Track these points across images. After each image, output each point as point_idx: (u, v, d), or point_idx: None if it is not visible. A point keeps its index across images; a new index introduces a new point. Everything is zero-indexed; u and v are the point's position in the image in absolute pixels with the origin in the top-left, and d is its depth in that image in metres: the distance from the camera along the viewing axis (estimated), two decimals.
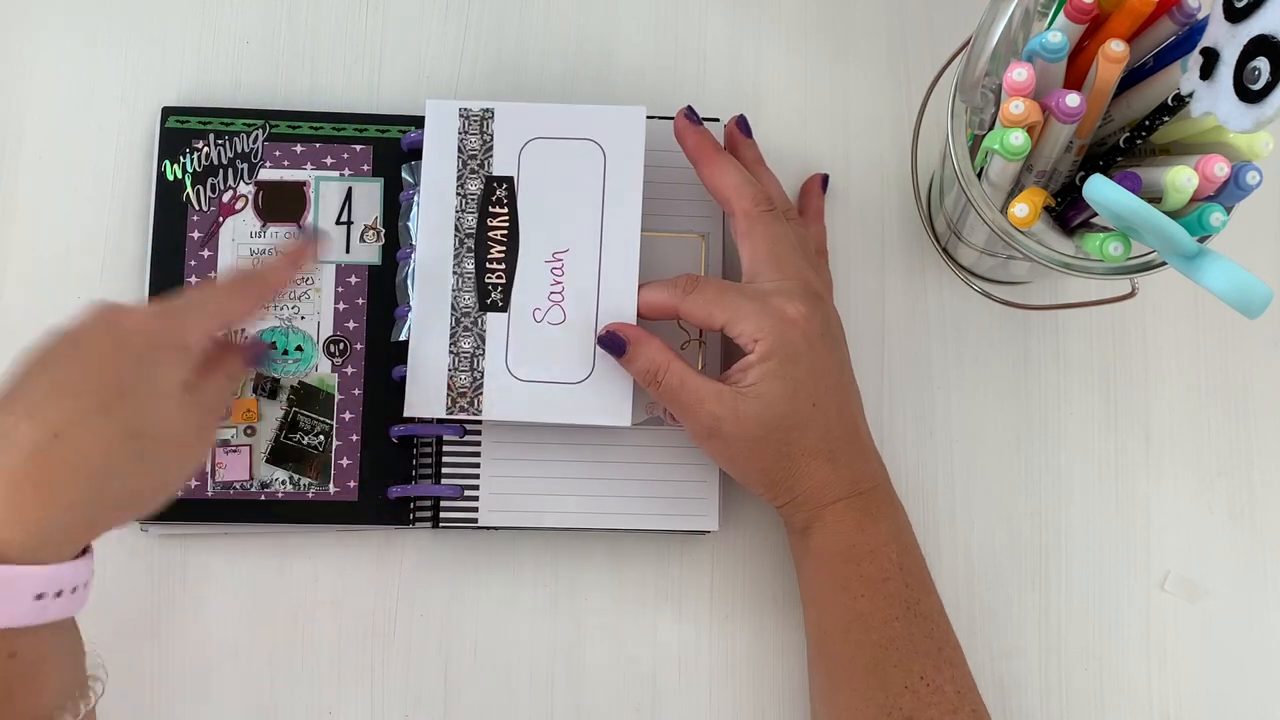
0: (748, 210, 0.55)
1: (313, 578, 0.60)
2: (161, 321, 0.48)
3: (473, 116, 0.59)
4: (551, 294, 0.57)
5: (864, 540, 0.53)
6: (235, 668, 0.59)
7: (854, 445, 0.54)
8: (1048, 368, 0.63)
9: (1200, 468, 0.62)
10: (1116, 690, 0.60)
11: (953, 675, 0.52)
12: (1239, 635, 0.60)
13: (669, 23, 0.65)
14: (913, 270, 0.63)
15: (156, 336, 0.47)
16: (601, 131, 0.58)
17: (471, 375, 0.57)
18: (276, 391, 0.59)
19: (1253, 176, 0.46)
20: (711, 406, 0.53)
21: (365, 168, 0.61)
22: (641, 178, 0.57)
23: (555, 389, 0.57)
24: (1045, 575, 0.61)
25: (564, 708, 0.59)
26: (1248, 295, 0.43)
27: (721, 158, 0.57)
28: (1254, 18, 0.41)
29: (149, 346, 0.46)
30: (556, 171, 0.58)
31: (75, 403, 0.44)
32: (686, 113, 0.58)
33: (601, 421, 0.57)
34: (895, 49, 0.65)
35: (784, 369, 0.53)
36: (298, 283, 0.60)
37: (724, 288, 0.54)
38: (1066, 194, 0.52)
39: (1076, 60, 0.49)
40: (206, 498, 0.58)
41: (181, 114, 0.61)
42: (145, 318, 0.47)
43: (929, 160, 0.62)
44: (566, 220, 0.57)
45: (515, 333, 0.57)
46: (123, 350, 0.46)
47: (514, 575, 0.60)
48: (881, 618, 0.52)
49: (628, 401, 0.57)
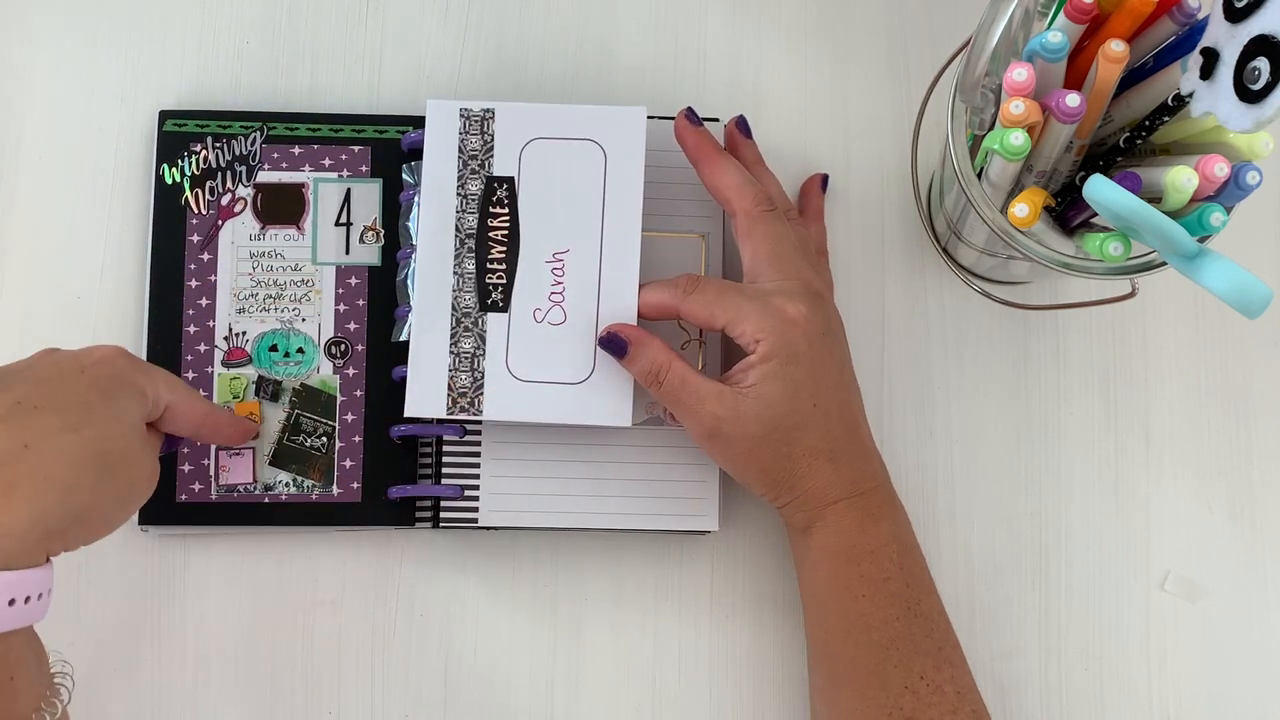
0: (748, 210, 0.55)
1: (313, 578, 0.60)
2: (126, 362, 0.50)
3: (473, 117, 0.59)
4: (552, 294, 0.57)
5: (865, 540, 0.53)
6: (235, 668, 0.59)
7: (855, 445, 0.54)
8: (1048, 368, 0.63)
9: (1200, 468, 0.62)
10: (1116, 690, 0.60)
11: (953, 675, 0.53)
12: (1239, 635, 0.60)
13: (669, 23, 0.65)
14: (913, 270, 0.63)
15: (122, 373, 0.49)
16: (602, 132, 0.58)
17: (472, 375, 0.57)
18: (279, 394, 0.59)
19: (1253, 176, 0.46)
20: (712, 407, 0.53)
21: (364, 169, 0.61)
22: (642, 178, 0.57)
23: (555, 389, 0.57)
24: (1045, 575, 0.61)
25: (564, 707, 0.59)
26: (1248, 295, 0.43)
27: (722, 158, 0.57)
28: (1254, 18, 0.41)
29: (114, 381, 0.49)
30: (557, 172, 0.58)
31: (45, 419, 0.45)
32: (687, 113, 0.58)
33: (602, 422, 0.57)
34: (895, 49, 0.65)
35: (785, 369, 0.53)
36: (295, 285, 0.60)
37: (725, 288, 0.54)
38: (1066, 194, 0.52)
39: (1076, 60, 0.49)
40: (210, 501, 0.58)
41: (179, 117, 0.61)
42: (109, 354, 0.50)
43: (929, 160, 0.62)
44: (567, 220, 0.57)
45: (516, 333, 0.57)
46: (90, 377, 0.48)
47: (514, 575, 0.60)
48: (882, 618, 0.52)
49: (628, 402, 0.56)
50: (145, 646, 0.59)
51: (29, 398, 0.46)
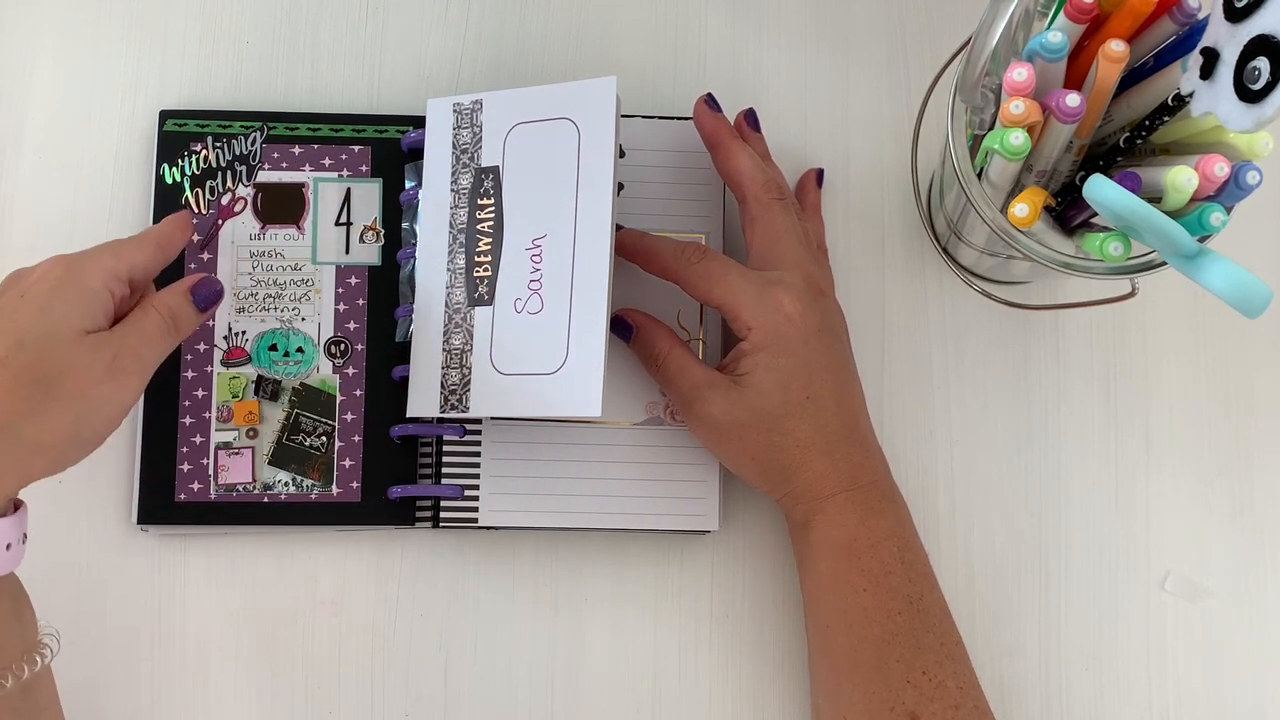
0: (758, 196, 0.56)
1: (313, 578, 0.60)
2: (62, 268, 0.49)
3: (464, 110, 0.58)
4: (531, 283, 0.56)
5: (865, 534, 0.53)
6: (235, 667, 0.59)
7: (853, 439, 0.55)
8: (1048, 368, 0.63)
9: (1200, 468, 0.62)
10: (1116, 690, 0.60)
11: (955, 670, 0.53)
12: (1239, 635, 0.60)
13: (669, 23, 0.65)
14: (913, 270, 0.63)
15: (57, 282, 0.48)
16: (575, 108, 0.56)
17: (461, 372, 0.57)
18: (278, 394, 0.59)
19: (1253, 176, 0.46)
20: (706, 392, 0.54)
21: (364, 168, 0.61)
22: (613, 149, 0.55)
23: (532, 381, 0.55)
24: (1045, 575, 0.61)
25: (564, 707, 0.59)
26: (1248, 295, 0.43)
27: (737, 144, 0.57)
28: (1254, 18, 0.41)
29: (49, 294, 0.48)
30: (536, 155, 0.57)
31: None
32: (706, 99, 0.59)
33: (573, 413, 0.54)
34: (895, 49, 0.65)
35: (776, 361, 0.53)
36: (295, 284, 0.60)
37: (728, 267, 0.55)
38: (1066, 194, 0.52)
39: (1076, 60, 0.49)
40: (210, 500, 0.58)
41: (179, 117, 0.61)
42: (48, 267, 0.49)
43: (929, 160, 0.62)
44: (544, 204, 0.56)
45: (499, 326, 0.56)
46: (26, 302, 0.48)
47: (514, 575, 0.60)
48: (884, 612, 0.52)
49: (598, 391, 0.53)
50: (145, 646, 0.59)
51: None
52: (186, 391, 0.59)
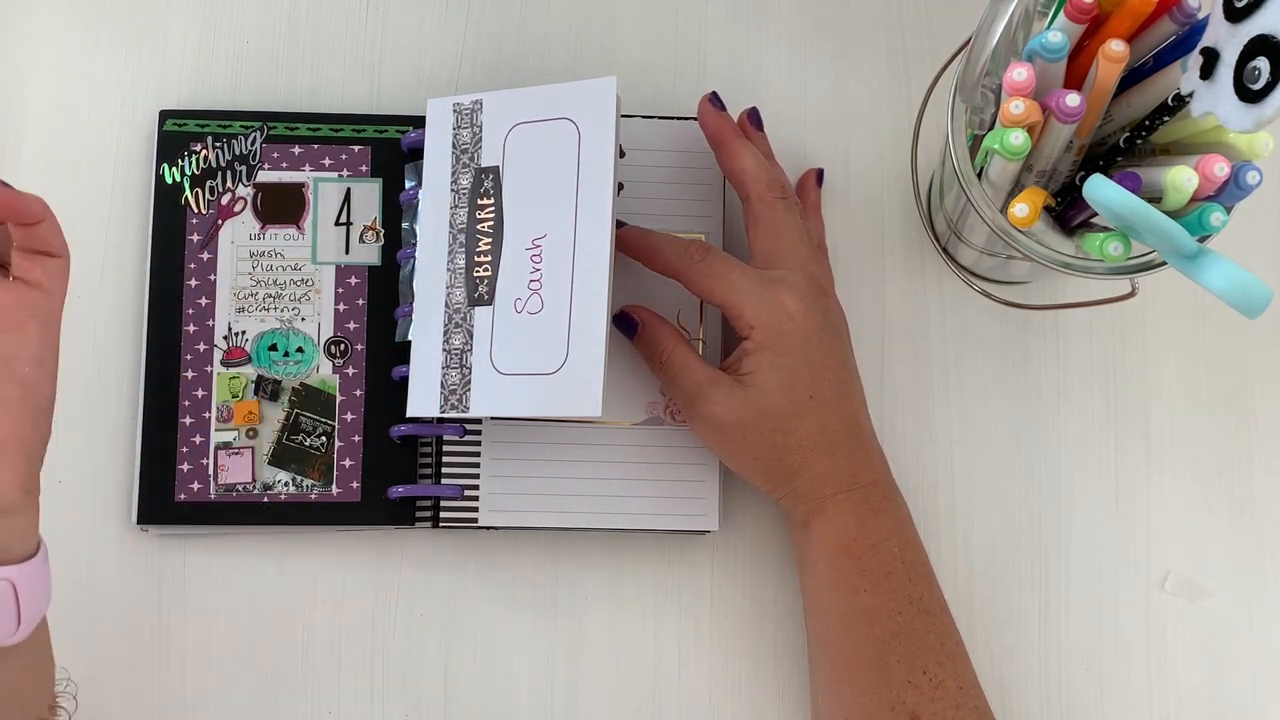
0: (761, 195, 0.56)
1: (313, 578, 0.60)
2: None
3: (464, 110, 0.58)
4: (531, 282, 0.55)
5: (865, 534, 0.53)
6: (235, 668, 0.59)
7: (854, 439, 0.55)
8: (1048, 368, 0.63)
9: (1200, 468, 0.62)
10: (1116, 690, 0.60)
11: (955, 670, 0.53)
12: (1239, 635, 0.60)
13: (669, 22, 0.65)
14: (913, 270, 0.63)
15: None
16: (576, 108, 0.56)
17: (460, 372, 0.57)
18: (278, 393, 0.59)
19: (1253, 176, 0.46)
20: (709, 391, 0.54)
21: (364, 168, 0.61)
22: (613, 149, 0.55)
23: (533, 381, 0.55)
24: (1045, 575, 0.61)
25: (564, 707, 0.59)
26: (1248, 295, 0.43)
27: (741, 143, 0.57)
28: (1254, 18, 0.41)
29: None
30: (536, 155, 0.56)
31: None
32: (711, 97, 0.59)
33: (573, 412, 0.54)
34: (895, 49, 0.65)
35: (778, 360, 0.53)
36: (295, 284, 0.60)
37: (731, 266, 0.55)
38: (1066, 194, 0.52)
39: (1076, 60, 0.49)
40: (210, 501, 0.58)
41: (179, 117, 0.61)
42: None
43: (929, 160, 0.62)
44: (545, 204, 0.55)
45: (499, 326, 0.56)
46: None
47: (514, 575, 0.60)
48: (884, 612, 0.52)
49: (598, 391, 0.52)
50: (145, 646, 0.59)
51: None
52: (186, 391, 0.59)
